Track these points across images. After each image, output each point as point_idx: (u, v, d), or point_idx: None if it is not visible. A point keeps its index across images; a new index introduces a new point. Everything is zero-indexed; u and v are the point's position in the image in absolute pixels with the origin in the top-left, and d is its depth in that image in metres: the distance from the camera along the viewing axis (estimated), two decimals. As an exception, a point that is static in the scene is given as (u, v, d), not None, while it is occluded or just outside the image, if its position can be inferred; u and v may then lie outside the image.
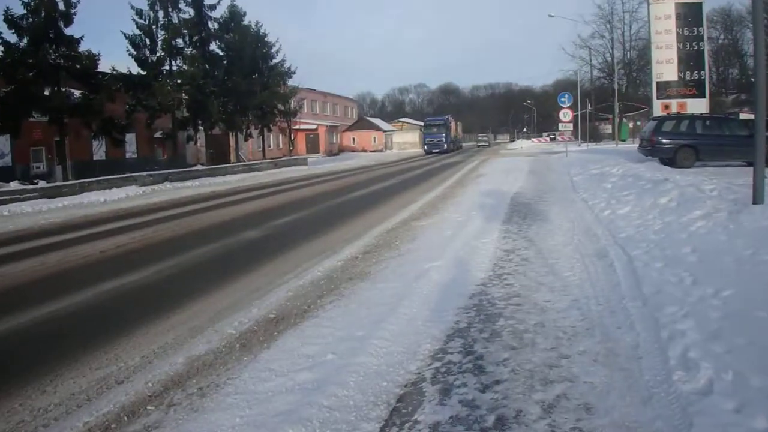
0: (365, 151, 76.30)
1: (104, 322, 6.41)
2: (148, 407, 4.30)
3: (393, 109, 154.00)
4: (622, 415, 3.68)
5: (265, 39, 42.96)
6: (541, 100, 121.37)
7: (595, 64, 56.63)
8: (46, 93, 27.38)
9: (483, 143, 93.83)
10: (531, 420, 3.67)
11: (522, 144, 73.09)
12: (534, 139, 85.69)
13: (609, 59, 54.00)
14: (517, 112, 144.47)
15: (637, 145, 25.26)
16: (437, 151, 61.97)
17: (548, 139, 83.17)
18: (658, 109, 28.34)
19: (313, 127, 68.79)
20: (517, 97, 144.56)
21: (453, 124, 71.18)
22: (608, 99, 51.80)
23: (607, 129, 61.12)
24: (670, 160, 21.09)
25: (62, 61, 27.82)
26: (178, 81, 34.37)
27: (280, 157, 48.43)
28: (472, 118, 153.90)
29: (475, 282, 6.90)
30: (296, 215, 14.82)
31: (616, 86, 48.27)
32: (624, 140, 50.07)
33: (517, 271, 7.37)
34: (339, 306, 6.38)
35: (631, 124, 56.81)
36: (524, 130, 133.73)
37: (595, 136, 58.33)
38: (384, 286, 7.03)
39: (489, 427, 3.63)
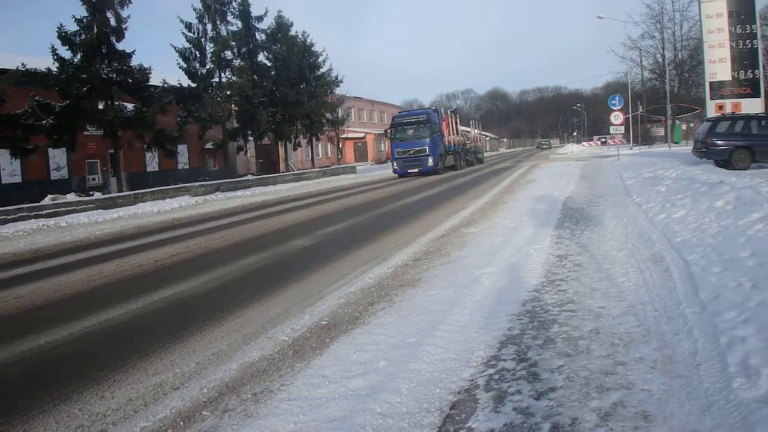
0: (414, 158, 76.23)
1: (159, 330, 6.51)
2: (204, 412, 4.36)
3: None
4: (681, 423, 3.58)
5: (312, 49, 43.44)
6: (591, 103, 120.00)
7: (645, 65, 55.49)
8: (100, 107, 28.07)
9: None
10: (587, 428, 3.59)
11: (572, 148, 71.86)
12: (584, 143, 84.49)
13: (660, 60, 52.78)
14: (566, 116, 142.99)
15: (691, 147, 24.74)
16: (416, 170, 34.68)
17: (599, 142, 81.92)
18: (711, 110, 27.71)
19: (361, 135, 69.02)
20: (567, 100, 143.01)
21: (451, 122, 40.45)
22: (660, 101, 50.67)
23: (659, 131, 59.04)
24: (725, 162, 20.60)
25: (115, 75, 28.51)
26: (228, 92, 34.94)
27: (329, 166, 48.80)
28: (520, 123, 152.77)
29: (528, 288, 6.81)
30: (345, 223, 14.87)
31: (667, 87, 47.29)
32: (677, 142, 49.04)
33: (570, 276, 7.25)
34: (390, 313, 6.38)
35: (684, 126, 55.41)
36: (574, 134, 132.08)
37: (647, 139, 57.00)
38: (435, 293, 6.99)
39: (544, 434, 3.57)
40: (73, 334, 6.57)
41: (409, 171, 34.85)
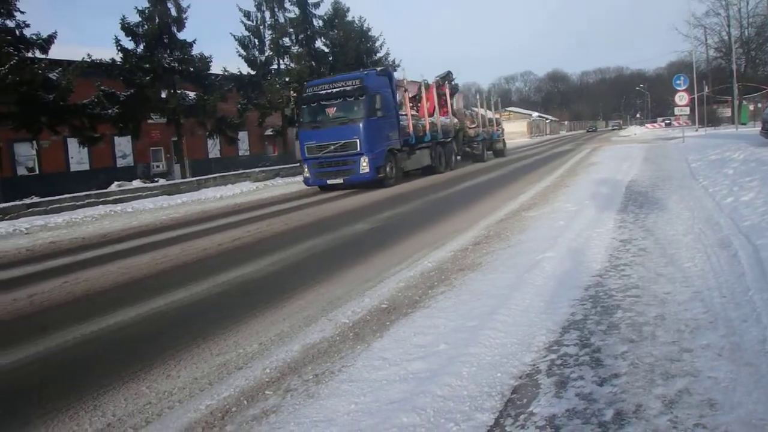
0: (472, 141, 75.45)
1: (223, 311, 6.66)
2: (267, 392, 4.43)
3: (499, 98, 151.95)
4: (749, 412, 3.46)
5: (369, 33, 43.31)
6: (655, 83, 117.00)
7: (710, 43, 53.33)
8: (163, 95, 28.75)
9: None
10: (651, 415, 3.52)
11: (635, 130, 69.99)
12: (648, 125, 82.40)
13: (725, 38, 50.71)
14: (629, 97, 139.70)
15: (759, 128, 23.89)
16: (339, 181, 21.11)
17: (663, 124, 79.77)
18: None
19: (421, 119, 68.77)
20: (629, 81, 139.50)
21: (433, 95, 27.60)
22: (726, 80, 48.81)
23: (726, 112, 56.72)
24: (795, 143, 19.54)
25: (176, 64, 29.15)
26: (286, 79, 35.25)
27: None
28: (582, 105, 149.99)
29: (591, 273, 6.70)
30: (404, 207, 14.91)
31: (734, 66, 45.55)
32: (744, 123, 47.33)
33: (634, 261, 7.10)
34: (450, 297, 6.35)
35: (751, 107, 53.43)
36: (637, 115, 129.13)
37: (712, 120, 55.05)
38: (495, 277, 6.93)
39: (607, 421, 3.50)
40: (141, 315, 6.77)
41: (329, 182, 21.04)
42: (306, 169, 21.75)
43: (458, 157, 30.25)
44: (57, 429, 4.14)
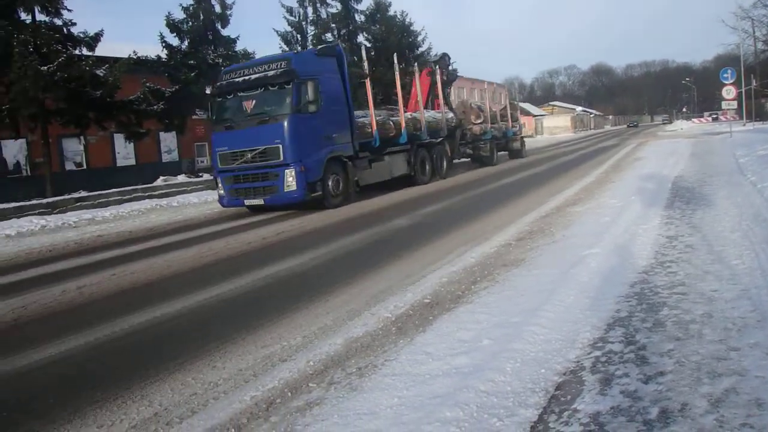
0: (515, 136, 74.63)
1: (267, 304, 6.76)
2: (310, 384, 4.47)
3: (543, 93, 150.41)
4: (799, 412, 3.40)
5: (411, 28, 43.18)
6: (701, 77, 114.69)
7: (758, 36, 51.89)
8: (207, 91, 29.12)
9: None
10: (697, 414, 3.46)
11: (681, 125, 68.59)
12: (694, 120, 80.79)
13: (774, 30, 49.50)
14: (674, 91, 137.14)
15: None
16: (259, 202, 15.38)
17: (710, 119, 78.13)
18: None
19: (462, 114, 68.34)
20: (674, 75, 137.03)
21: (421, 84, 22.88)
22: (775, 74, 47.71)
23: (775, 107, 55.59)
24: None
25: (221, 60, 29.47)
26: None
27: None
28: (626, 99, 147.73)
29: (637, 270, 6.61)
30: (446, 202, 14.92)
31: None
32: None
33: (681, 258, 6.98)
34: (493, 292, 6.33)
35: (802, 101, 52.03)
36: (683, 110, 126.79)
37: (761, 115, 53.74)
38: (539, 273, 6.89)
39: (652, 419, 3.46)
40: (186, 307, 6.92)
41: (247, 203, 15.77)
42: (219, 185, 16.10)
43: (456, 160, 25.41)
44: (106, 417, 4.24)
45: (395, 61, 21.22)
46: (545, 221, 10.46)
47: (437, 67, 24.74)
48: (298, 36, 36.93)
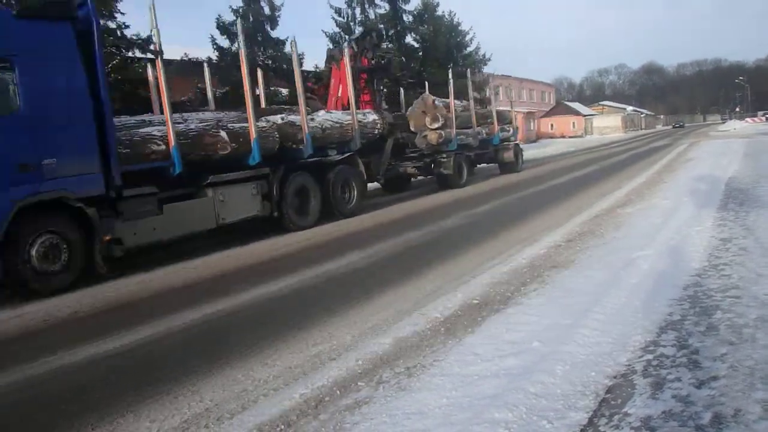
0: (564, 137, 73.77)
1: (317, 303, 6.87)
2: (359, 383, 4.52)
3: (592, 93, 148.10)
4: None
5: (459, 28, 42.96)
6: (755, 76, 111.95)
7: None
8: (257, 92, 29.50)
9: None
10: (751, 420, 3.39)
11: (734, 125, 66.69)
12: (748, 119, 78.60)
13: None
14: (727, 90, 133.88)
15: None
16: None
17: (764, 118, 75.93)
18: None
19: (510, 114, 67.74)
20: (727, 74, 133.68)
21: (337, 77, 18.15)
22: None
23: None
24: None
25: (270, 61, 29.71)
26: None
27: (477, 146, 48.33)
28: (678, 99, 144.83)
29: (689, 272, 6.49)
30: (495, 203, 14.88)
31: None
32: None
33: (734, 261, 6.83)
34: (543, 294, 6.30)
35: None
36: (736, 109, 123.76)
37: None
38: (590, 275, 6.83)
39: (705, 424, 3.41)
40: (236, 306, 7.08)
41: None
42: None
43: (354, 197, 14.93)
44: (158, 412, 4.36)
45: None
46: (595, 222, 10.34)
47: (357, 49, 18.83)
48: (347, 37, 37.08)
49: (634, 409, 3.68)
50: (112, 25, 23.25)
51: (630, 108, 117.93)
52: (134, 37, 23.91)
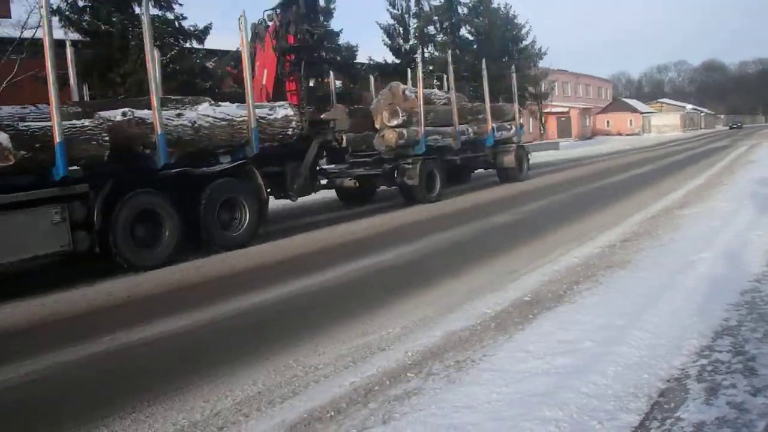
0: (620, 134, 72.42)
1: (367, 294, 7.01)
2: (408, 374, 4.55)
3: (651, 89, 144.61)
4: None
5: (515, 21, 42.58)
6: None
7: None
8: (311, 84, 29.78)
9: (735, 126, 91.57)
10: (808, 431, 3.34)
11: (799, 126, 64.64)
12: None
13: None
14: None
15: None
16: None
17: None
18: None
19: (565, 109, 66.90)
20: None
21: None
22: None
23: None
24: None
25: (325, 53, 29.94)
26: (430, 68, 35.43)
27: (531, 142, 47.90)
28: (738, 98, 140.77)
29: (748, 277, 6.34)
30: (548, 200, 14.74)
31: None
32: None
33: (796, 267, 6.67)
34: (596, 293, 6.24)
35: None
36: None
37: None
38: (645, 276, 6.74)
39: (760, 432, 3.36)
40: (284, 295, 7.26)
41: None
42: None
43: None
44: (213, 393, 4.48)
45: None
46: (652, 223, 10.17)
47: (280, 23, 15.17)
48: (401, 29, 37.12)
49: (687, 414, 3.64)
50: (170, 15, 23.71)
51: (689, 106, 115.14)
52: (191, 28, 24.32)
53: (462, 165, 18.32)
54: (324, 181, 14.47)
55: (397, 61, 35.92)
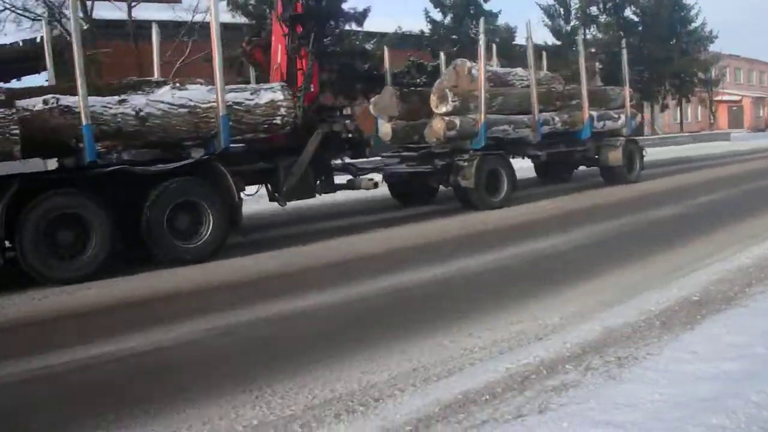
0: (800, 126, 66.73)
1: (514, 282, 7.08)
2: (566, 366, 4.49)
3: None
4: None
5: (683, 1, 40.21)
6: None
7: None
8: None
9: None
10: None
11: None
12: None
13: None
14: None
15: None
16: None
17: None
18: None
19: (737, 98, 62.54)
20: None
21: None
22: None
23: None
24: None
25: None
26: (592, 50, 34.36)
27: (699, 131, 45.38)
28: None
29: None
30: (715, 195, 13.98)
31: None
32: None
33: None
34: (771, 298, 5.89)
35: None
36: None
37: None
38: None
39: None
40: (435, 276, 7.41)
41: None
42: None
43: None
44: (368, 366, 4.68)
45: None
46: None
47: None
48: (561, 9, 36.20)
49: None
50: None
51: None
52: (352, 10, 24.93)
53: (552, 161, 15.38)
54: (344, 180, 11.94)
55: (558, 43, 35.05)
